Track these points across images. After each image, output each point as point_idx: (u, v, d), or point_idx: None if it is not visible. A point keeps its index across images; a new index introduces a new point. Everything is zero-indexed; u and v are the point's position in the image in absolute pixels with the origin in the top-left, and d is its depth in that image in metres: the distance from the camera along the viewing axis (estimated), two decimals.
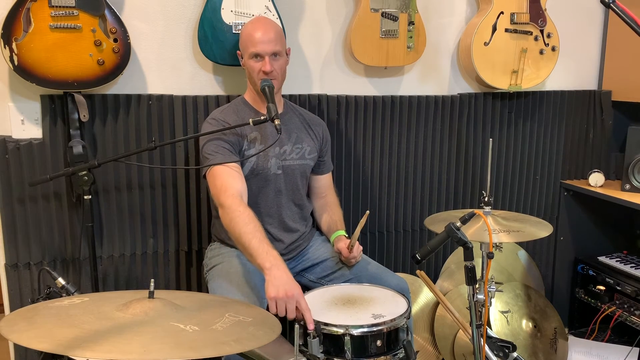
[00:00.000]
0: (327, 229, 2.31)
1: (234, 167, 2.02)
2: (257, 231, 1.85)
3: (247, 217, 1.87)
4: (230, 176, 1.99)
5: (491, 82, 2.71)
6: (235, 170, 2.02)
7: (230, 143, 2.06)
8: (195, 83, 2.40)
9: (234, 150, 2.06)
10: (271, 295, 1.73)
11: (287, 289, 1.72)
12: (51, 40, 2.06)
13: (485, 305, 1.90)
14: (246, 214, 1.88)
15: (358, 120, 2.62)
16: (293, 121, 2.24)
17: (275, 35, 2.08)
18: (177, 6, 2.33)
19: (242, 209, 1.89)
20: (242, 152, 2.09)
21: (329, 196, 2.37)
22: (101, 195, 2.32)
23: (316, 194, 2.36)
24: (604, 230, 3.14)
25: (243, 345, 1.23)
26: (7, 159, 2.19)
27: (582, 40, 3.03)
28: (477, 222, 2.03)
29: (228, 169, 2.00)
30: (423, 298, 2.75)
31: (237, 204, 1.91)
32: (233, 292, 1.95)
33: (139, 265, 2.42)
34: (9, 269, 2.26)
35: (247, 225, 1.86)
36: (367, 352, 1.71)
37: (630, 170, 2.80)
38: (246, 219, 1.87)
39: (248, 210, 1.90)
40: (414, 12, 2.53)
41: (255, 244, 1.82)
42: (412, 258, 1.75)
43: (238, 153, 2.08)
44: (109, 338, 1.16)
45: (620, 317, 2.78)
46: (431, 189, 2.82)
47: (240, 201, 1.92)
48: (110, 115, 2.28)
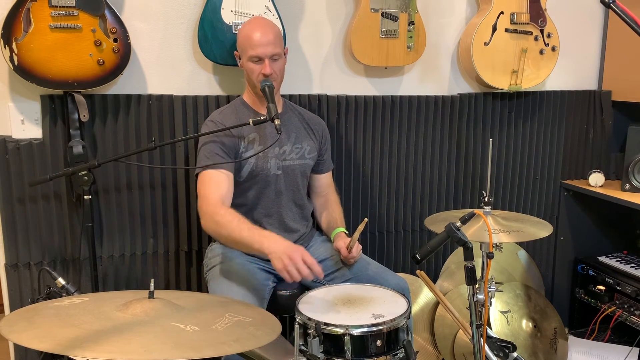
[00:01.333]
0: (326, 226, 2.32)
1: (223, 172, 2.04)
2: (242, 223, 1.90)
3: (229, 216, 1.93)
4: (213, 183, 2.02)
5: (491, 82, 2.71)
6: (222, 175, 2.03)
7: (225, 147, 2.07)
8: (195, 83, 2.40)
9: (228, 154, 2.07)
10: (279, 267, 1.78)
11: (289, 253, 1.77)
12: (51, 40, 2.06)
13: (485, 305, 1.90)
14: (227, 214, 1.94)
15: (358, 120, 2.62)
16: (292, 121, 2.24)
17: (274, 37, 2.08)
18: (177, 6, 2.33)
19: (222, 212, 1.94)
20: (239, 154, 2.09)
21: (330, 195, 2.37)
22: (101, 195, 2.32)
23: (317, 193, 2.36)
24: (604, 230, 3.14)
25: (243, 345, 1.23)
26: (7, 159, 2.19)
27: (582, 40, 3.03)
28: (477, 222, 2.03)
29: (215, 175, 2.03)
30: (423, 298, 2.75)
31: (216, 209, 1.96)
32: (233, 292, 1.95)
33: (139, 265, 2.42)
34: (9, 269, 2.26)
35: (231, 222, 1.91)
36: (367, 352, 1.71)
37: (630, 170, 2.80)
38: (228, 218, 1.92)
39: (229, 210, 1.95)
40: (414, 12, 2.53)
41: (245, 233, 1.88)
42: (412, 258, 1.75)
43: (235, 156, 2.08)
44: (109, 338, 1.16)
45: (620, 317, 2.78)
46: (431, 189, 2.82)
47: (219, 205, 1.97)
48: (110, 115, 2.28)
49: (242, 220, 1.92)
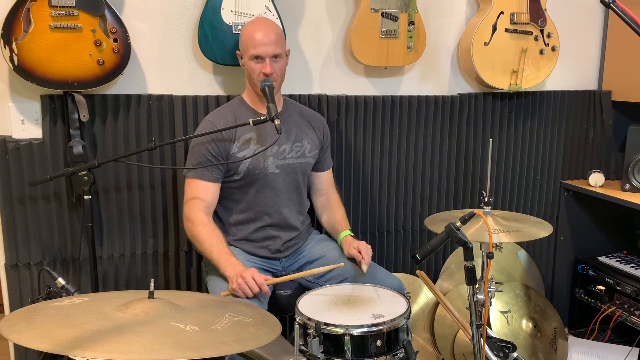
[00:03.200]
0: (330, 228, 2.32)
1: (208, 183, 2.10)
2: (213, 246, 2.03)
3: (205, 234, 2.05)
4: (199, 192, 2.10)
5: (491, 82, 2.71)
6: (208, 185, 2.10)
7: (213, 153, 2.10)
8: (195, 83, 2.40)
9: (217, 160, 2.10)
10: (232, 288, 1.92)
11: (241, 274, 1.91)
12: (51, 40, 2.06)
13: (485, 305, 1.90)
14: (204, 231, 2.05)
15: (358, 120, 2.62)
16: (292, 119, 2.25)
17: (276, 37, 2.08)
18: (177, 6, 2.33)
19: (199, 228, 2.06)
20: (229, 156, 2.12)
21: (331, 194, 2.37)
22: (101, 195, 2.32)
23: (317, 191, 2.36)
24: (604, 230, 3.14)
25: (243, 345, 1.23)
26: (7, 159, 2.19)
27: (582, 40, 3.03)
28: (477, 222, 2.03)
29: (200, 185, 2.10)
30: (423, 298, 2.75)
31: (196, 222, 2.07)
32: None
33: (139, 265, 2.42)
34: (9, 269, 2.26)
35: (205, 242, 2.05)
36: (367, 352, 1.71)
37: (630, 170, 2.80)
38: (204, 236, 2.05)
39: (206, 227, 2.06)
40: (414, 12, 2.53)
41: (214, 255, 2.02)
42: (412, 258, 1.75)
43: (225, 158, 2.11)
44: (109, 338, 1.16)
45: (620, 317, 2.78)
46: (431, 189, 2.82)
47: (199, 219, 2.07)
48: (110, 115, 2.28)
49: (214, 243, 2.03)
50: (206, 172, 2.10)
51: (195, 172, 2.10)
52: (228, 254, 2.02)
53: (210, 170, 2.10)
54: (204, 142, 2.10)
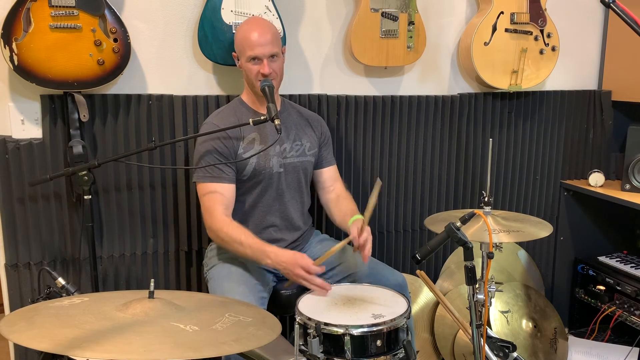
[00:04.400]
0: (342, 219, 2.23)
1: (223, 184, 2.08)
2: (244, 245, 1.99)
3: (233, 235, 2.01)
4: (216, 195, 2.07)
5: (491, 82, 2.71)
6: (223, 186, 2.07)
7: (222, 155, 2.08)
8: (195, 83, 2.40)
9: (227, 160, 2.08)
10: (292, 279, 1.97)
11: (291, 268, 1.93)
12: (51, 40, 2.06)
13: (485, 305, 1.90)
14: (231, 231, 2.01)
15: (358, 120, 2.62)
16: (291, 118, 2.25)
17: (272, 37, 2.08)
18: (177, 6, 2.33)
19: (226, 229, 2.02)
20: (237, 155, 2.10)
21: (338, 189, 2.33)
22: (101, 195, 2.32)
23: (324, 188, 2.34)
24: (604, 230, 3.14)
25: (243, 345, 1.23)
26: (7, 159, 2.19)
27: (582, 40, 3.03)
28: (477, 222, 2.03)
29: (216, 188, 2.07)
30: (423, 298, 2.75)
31: (222, 226, 2.03)
32: (233, 291, 1.95)
33: (139, 265, 2.42)
34: (9, 269, 2.26)
35: (234, 242, 2.01)
36: (367, 352, 1.71)
37: (630, 170, 2.80)
38: (233, 236, 2.01)
39: (231, 227, 2.02)
40: (414, 12, 2.53)
41: (249, 252, 1.99)
42: (412, 258, 1.74)
43: (234, 157, 2.09)
44: (109, 338, 1.16)
45: (620, 317, 2.78)
46: (431, 189, 2.82)
47: (223, 222, 2.03)
48: (110, 115, 2.28)
49: (244, 241, 1.99)
50: (222, 173, 2.07)
51: (212, 177, 2.07)
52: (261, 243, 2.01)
53: (225, 171, 2.08)
54: (212, 145, 2.08)
